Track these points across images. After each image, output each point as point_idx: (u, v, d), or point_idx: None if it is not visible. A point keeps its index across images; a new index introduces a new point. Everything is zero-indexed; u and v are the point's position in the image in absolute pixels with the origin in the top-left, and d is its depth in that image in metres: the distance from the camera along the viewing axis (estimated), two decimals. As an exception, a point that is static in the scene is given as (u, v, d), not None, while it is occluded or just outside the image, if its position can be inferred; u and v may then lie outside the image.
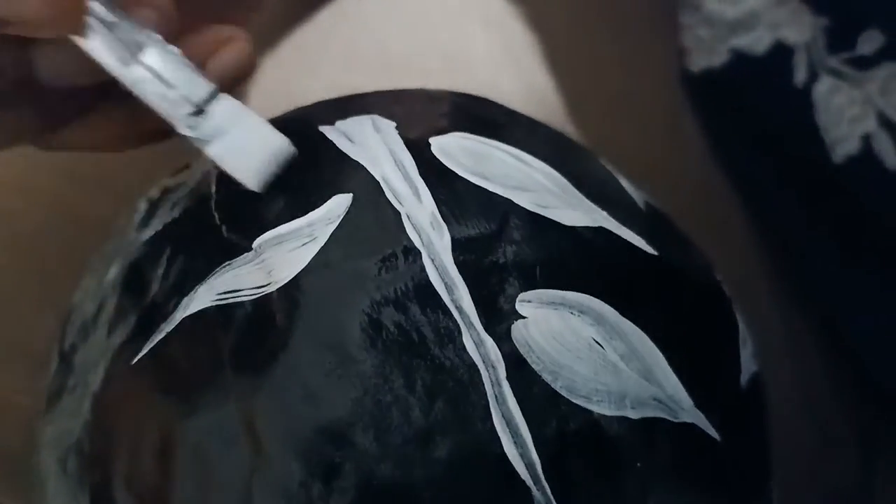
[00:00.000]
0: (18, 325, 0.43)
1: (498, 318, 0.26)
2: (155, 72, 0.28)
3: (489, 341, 0.26)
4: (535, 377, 0.26)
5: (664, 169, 0.41)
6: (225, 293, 0.27)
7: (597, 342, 0.27)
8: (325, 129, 0.30)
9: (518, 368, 0.26)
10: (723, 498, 0.28)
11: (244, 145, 0.28)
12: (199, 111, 0.28)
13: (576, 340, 0.26)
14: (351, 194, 0.27)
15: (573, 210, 0.29)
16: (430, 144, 0.29)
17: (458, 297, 0.26)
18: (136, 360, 0.27)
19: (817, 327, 0.41)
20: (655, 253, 0.29)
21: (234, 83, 0.32)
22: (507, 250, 0.27)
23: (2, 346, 0.43)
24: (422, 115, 0.31)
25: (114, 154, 0.32)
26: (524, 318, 0.26)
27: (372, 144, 0.29)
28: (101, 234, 0.34)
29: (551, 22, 0.46)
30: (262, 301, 0.26)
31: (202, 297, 0.27)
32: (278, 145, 0.28)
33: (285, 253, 0.27)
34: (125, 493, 0.27)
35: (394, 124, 0.30)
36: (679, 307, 0.29)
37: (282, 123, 0.32)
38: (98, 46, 0.28)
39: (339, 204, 0.27)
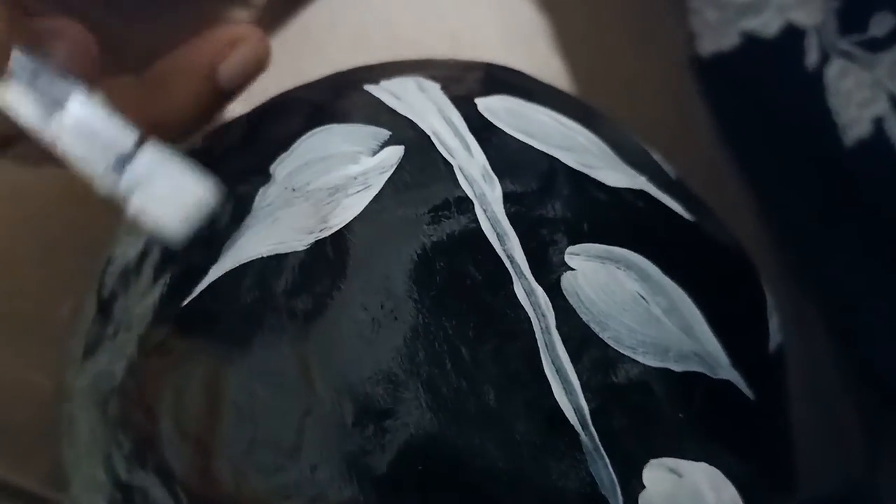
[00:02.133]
0: (30, 304, 0.43)
1: (548, 269, 0.27)
2: (76, 125, 0.26)
3: (539, 290, 0.26)
4: (584, 327, 0.26)
5: (673, 154, 0.42)
6: (279, 241, 0.27)
7: (641, 296, 0.27)
8: (371, 88, 0.30)
9: (567, 317, 0.26)
10: (754, 455, 0.28)
11: (167, 195, 0.27)
12: (122, 164, 0.26)
13: (622, 293, 0.27)
14: (403, 146, 0.28)
15: (615, 172, 0.29)
16: (476, 104, 0.29)
17: (510, 247, 0.27)
18: (186, 301, 0.27)
19: (825, 316, 0.42)
20: (692, 219, 0.30)
21: (248, 81, 0.32)
22: (556, 205, 0.28)
23: (13, 324, 0.43)
24: (461, 79, 0.31)
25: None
26: (573, 269, 0.27)
27: (419, 102, 0.29)
28: (113, 212, 0.34)
29: (561, 5, 0.47)
30: (316, 246, 0.27)
31: (256, 243, 0.27)
32: (203, 193, 0.27)
33: (340, 199, 0.27)
34: (172, 433, 0.27)
35: (438, 85, 0.30)
36: (714, 272, 0.30)
37: (322, 84, 0.32)
38: (15, 98, 0.26)
39: (392, 154, 0.28)
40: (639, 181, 0.30)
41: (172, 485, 0.27)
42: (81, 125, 0.26)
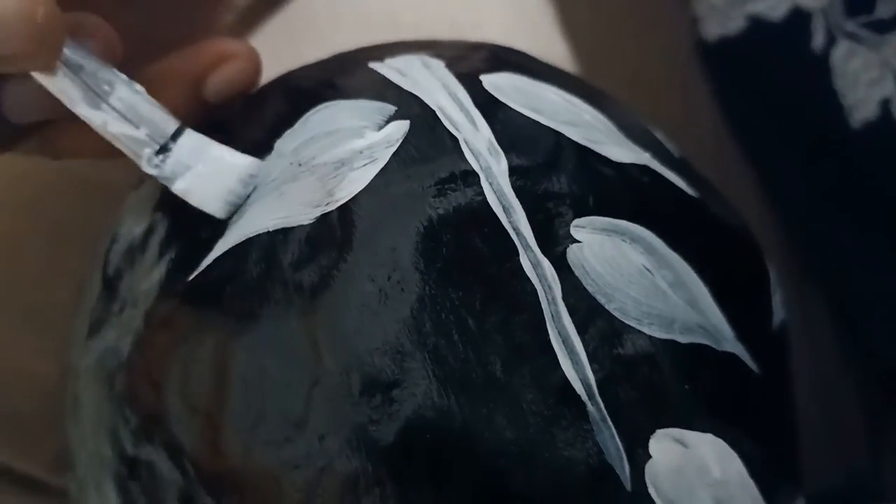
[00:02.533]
0: (31, 290, 0.43)
1: (554, 241, 0.27)
2: (121, 112, 0.28)
3: (545, 262, 0.26)
4: (590, 298, 0.26)
5: (677, 139, 0.42)
6: (285, 215, 0.27)
7: (647, 269, 0.27)
8: (375, 65, 0.30)
9: (573, 289, 0.26)
10: (759, 428, 0.28)
11: (209, 178, 0.28)
12: (165, 149, 0.28)
13: (628, 266, 0.27)
14: (408, 121, 0.28)
15: (620, 147, 0.29)
16: (480, 80, 0.30)
17: (516, 219, 0.27)
18: (193, 275, 0.27)
19: (827, 298, 0.42)
20: (696, 195, 0.30)
21: (236, 97, 0.32)
22: (561, 179, 0.28)
23: (15, 311, 0.43)
24: (466, 57, 0.31)
25: None
26: (579, 242, 0.27)
27: (424, 78, 0.29)
28: (114, 198, 0.34)
29: None
30: (322, 219, 0.27)
31: (262, 217, 0.27)
32: (244, 168, 0.29)
33: (346, 173, 0.27)
34: (179, 407, 0.27)
35: (443, 62, 0.30)
36: (719, 246, 0.30)
37: (327, 62, 0.32)
38: (66, 87, 0.28)
39: (397, 129, 0.28)
40: (643, 157, 0.30)
41: (180, 458, 0.27)
42: (128, 111, 0.28)
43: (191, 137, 0.29)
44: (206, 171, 0.28)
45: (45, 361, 0.40)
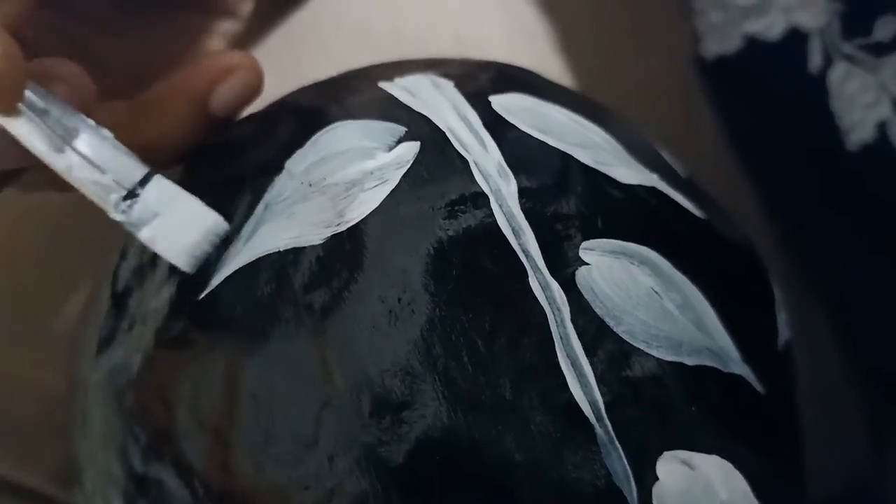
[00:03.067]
0: (33, 299, 0.43)
1: (563, 264, 0.27)
2: (86, 158, 0.28)
3: (555, 284, 0.27)
4: (599, 320, 0.27)
5: (679, 154, 0.42)
6: (296, 235, 0.27)
7: (655, 291, 0.28)
8: (385, 85, 0.31)
9: (582, 312, 0.27)
10: (765, 449, 0.29)
11: (176, 227, 0.28)
12: (132, 195, 0.28)
13: (636, 288, 0.27)
14: (419, 142, 0.28)
15: (628, 169, 0.30)
16: (490, 101, 0.30)
17: (525, 241, 0.27)
18: (203, 294, 0.28)
19: (829, 313, 0.42)
20: (703, 216, 0.30)
21: (241, 108, 0.32)
22: (570, 201, 0.28)
23: (17, 321, 0.43)
24: (475, 77, 0.31)
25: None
26: (588, 264, 0.27)
27: (433, 98, 0.30)
28: None
29: (565, 5, 0.47)
30: (333, 240, 0.27)
31: (273, 237, 0.28)
32: (212, 223, 0.28)
33: (357, 194, 0.27)
34: (189, 425, 0.27)
35: (452, 82, 0.30)
36: (725, 268, 0.30)
37: (335, 81, 0.32)
38: (28, 132, 0.27)
39: (408, 150, 0.28)
40: (651, 178, 0.30)
41: (189, 477, 0.27)
42: (95, 156, 0.28)
43: (159, 184, 0.28)
44: (173, 220, 0.28)
45: (48, 371, 0.40)
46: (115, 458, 0.29)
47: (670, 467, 0.26)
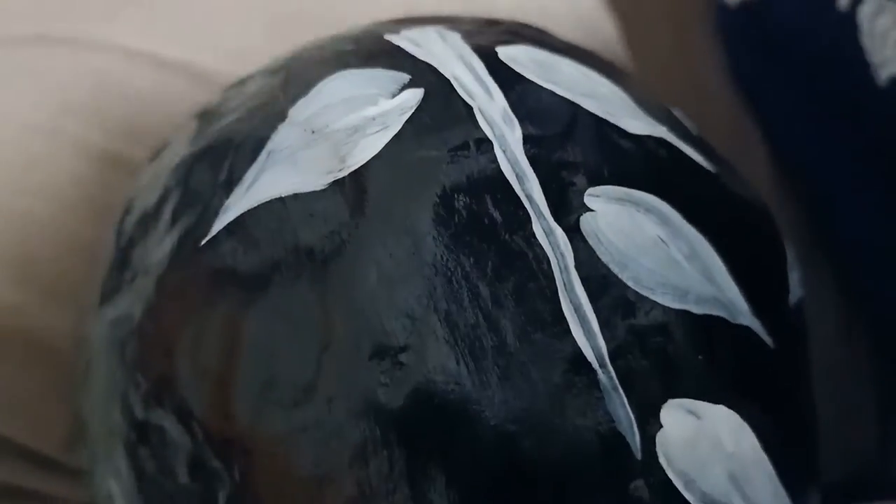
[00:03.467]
0: (50, 271, 0.43)
1: (567, 210, 0.27)
2: None
3: (558, 230, 0.26)
4: (603, 267, 0.26)
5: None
6: (298, 182, 0.27)
7: (661, 240, 0.27)
8: (391, 37, 0.30)
9: (586, 258, 0.26)
10: (775, 404, 0.28)
11: None
12: None
13: (642, 236, 0.27)
14: (423, 89, 0.28)
15: (636, 120, 0.29)
16: (497, 52, 0.29)
17: (529, 187, 0.27)
18: (204, 241, 0.27)
19: (841, 287, 0.41)
20: (713, 170, 0.30)
21: None
22: (577, 149, 0.28)
23: (35, 292, 0.42)
24: (483, 31, 0.31)
25: (141, 99, 0.32)
26: (592, 211, 0.27)
27: (439, 48, 0.29)
28: (133, 176, 0.34)
29: None
30: (334, 186, 0.27)
31: (274, 184, 0.27)
32: None
33: (358, 140, 0.27)
34: (190, 371, 0.27)
35: (459, 34, 0.30)
36: (735, 221, 0.30)
37: (341, 36, 0.32)
38: None
39: (411, 96, 0.28)
40: (660, 130, 0.29)
41: (189, 422, 0.27)
42: None
43: None
44: None
45: (64, 340, 0.40)
46: (117, 408, 0.29)
47: (675, 416, 0.26)
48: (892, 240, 0.37)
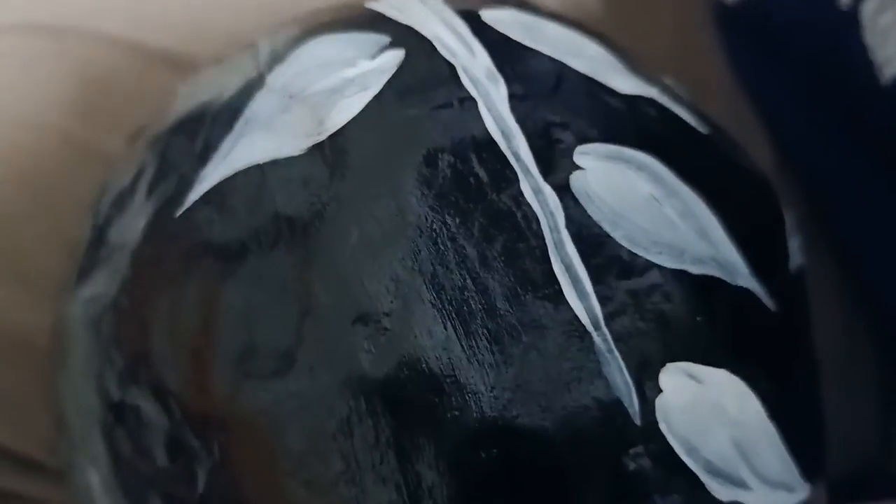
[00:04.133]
0: (30, 263, 0.42)
1: (555, 168, 0.26)
2: None
3: (547, 189, 0.25)
4: (595, 225, 0.25)
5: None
6: (275, 147, 0.26)
7: (654, 198, 0.26)
8: (371, 4, 0.29)
9: (577, 216, 0.25)
10: (778, 368, 0.27)
11: None
12: None
13: (634, 193, 0.26)
14: (404, 49, 0.27)
15: (625, 80, 0.28)
16: (480, 14, 0.29)
17: (516, 145, 0.26)
18: (180, 212, 0.26)
19: (844, 282, 0.40)
20: (706, 132, 0.29)
21: None
22: (564, 108, 0.27)
23: (14, 284, 0.42)
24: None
25: (126, 91, 0.31)
26: (582, 169, 0.26)
27: (420, 12, 0.28)
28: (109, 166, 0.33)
29: None
30: (314, 150, 0.26)
31: (251, 150, 0.26)
32: None
33: (336, 101, 0.26)
34: (166, 345, 0.26)
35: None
36: (731, 182, 0.29)
37: (325, 8, 0.31)
38: None
39: (392, 57, 0.27)
40: (651, 91, 0.29)
41: (166, 399, 0.26)
42: None
43: None
44: None
45: (44, 336, 0.39)
46: (93, 389, 0.28)
47: (675, 379, 0.25)
48: (894, 236, 0.36)
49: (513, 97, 0.26)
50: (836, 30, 0.35)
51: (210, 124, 0.28)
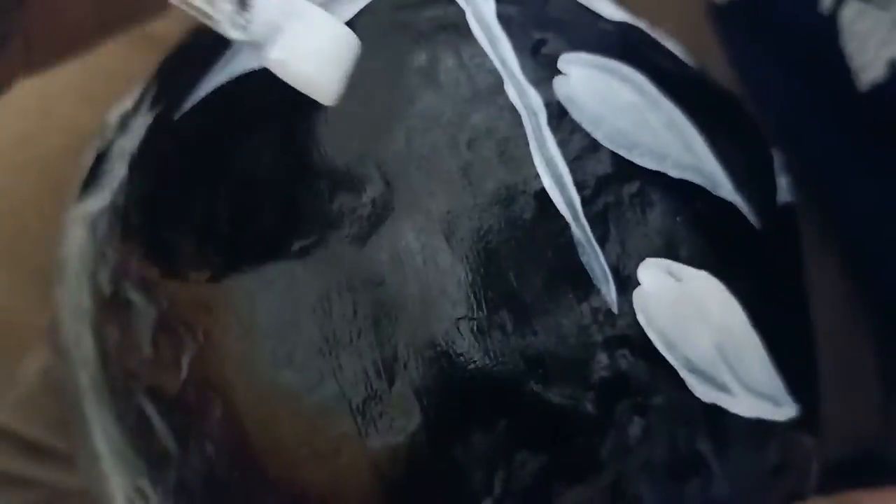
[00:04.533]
0: (37, 250, 0.42)
1: (540, 72, 0.26)
2: None
3: (531, 90, 0.26)
4: (576, 126, 0.26)
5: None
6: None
7: (638, 107, 0.27)
8: None
9: (559, 117, 0.26)
10: (763, 280, 0.27)
11: (308, 44, 0.23)
12: (244, 3, 0.23)
13: (617, 100, 0.26)
14: None
15: (614, 9, 0.29)
16: None
17: (502, 49, 0.26)
18: (180, 114, 0.27)
19: (842, 262, 0.40)
20: (693, 65, 0.30)
21: None
22: (551, 24, 0.27)
23: (20, 271, 0.42)
24: None
25: (134, 78, 0.32)
26: (565, 75, 0.26)
27: None
28: None
29: None
30: None
31: (249, 58, 0.27)
32: (346, 39, 0.23)
33: (333, 10, 0.27)
34: (159, 235, 0.26)
35: None
36: (716, 106, 0.29)
37: None
38: None
39: None
40: (638, 22, 0.29)
41: (154, 289, 0.26)
42: None
43: None
44: (302, 36, 0.23)
45: (47, 321, 0.40)
46: (85, 288, 0.28)
47: (653, 274, 0.25)
48: (891, 233, 0.36)
49: (501, 9, 0.27)
50: (817, 34, 0.36)
51: (213, 43, 0.29)
